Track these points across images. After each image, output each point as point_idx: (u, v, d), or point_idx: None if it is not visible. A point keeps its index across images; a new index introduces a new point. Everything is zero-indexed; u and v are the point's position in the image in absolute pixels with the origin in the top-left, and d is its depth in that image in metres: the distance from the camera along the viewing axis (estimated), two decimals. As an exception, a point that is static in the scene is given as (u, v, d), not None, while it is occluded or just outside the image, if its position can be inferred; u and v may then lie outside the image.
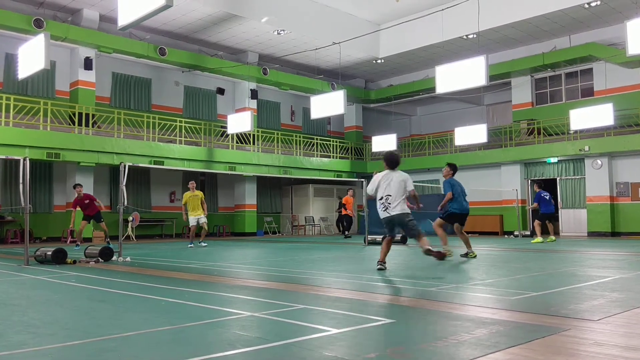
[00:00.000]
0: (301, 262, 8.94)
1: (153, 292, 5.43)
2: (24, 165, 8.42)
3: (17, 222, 16.76)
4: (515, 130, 21.24)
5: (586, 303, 4.52)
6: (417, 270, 7.62)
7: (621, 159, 18.63)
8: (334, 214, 24.89)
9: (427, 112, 27.85)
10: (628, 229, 18.18)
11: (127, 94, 19.89)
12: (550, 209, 14.91)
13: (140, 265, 8.44)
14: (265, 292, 5.47)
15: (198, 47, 21.15)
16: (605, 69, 19.49)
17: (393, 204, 6.98)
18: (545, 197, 14.84)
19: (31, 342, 3.23)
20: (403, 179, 7.10)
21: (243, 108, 21.77)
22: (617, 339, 3.26)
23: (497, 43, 20.98)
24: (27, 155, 11.26)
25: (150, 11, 8.09)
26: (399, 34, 21.24)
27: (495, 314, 4.03)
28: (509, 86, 22.58)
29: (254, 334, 3.45)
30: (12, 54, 15.90)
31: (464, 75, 12.91)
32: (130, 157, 16.62)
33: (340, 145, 24.72)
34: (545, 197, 14.85)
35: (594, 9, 17.56)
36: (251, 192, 22.13)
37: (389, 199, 7.00)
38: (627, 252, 10.54)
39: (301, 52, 21.62)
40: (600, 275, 6.65)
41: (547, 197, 14.92)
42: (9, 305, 4.68)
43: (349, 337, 3.34)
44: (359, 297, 4.96)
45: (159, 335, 3.44)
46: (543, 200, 14.79)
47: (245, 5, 18.34)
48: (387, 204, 7.01)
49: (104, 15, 18.00)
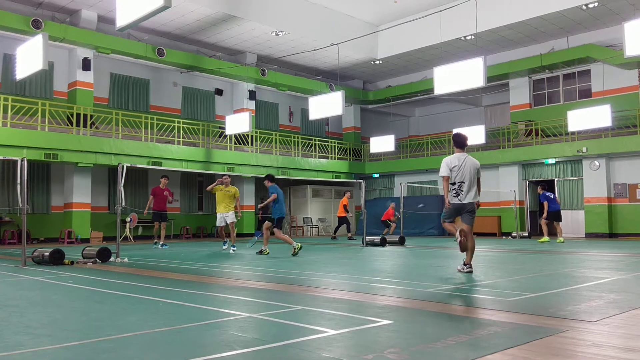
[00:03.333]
0: (299, 263, 8.94)
1: (150, 293, 5.42)
2: (22, 166, 8.41)
3: (15, 223, 16.72)
4: (513, 132, 21.27)
5: (584, 304, 4.53)
6: (415, 271, 7.62)
7: (619, 160, 18.66)
8: (332, 215, 24.91)
9: (425, 113, 27.87)
10: (625, 230, 18.21)
11: (125, 95, 19.87)
12: (556, 207, 15.12)
13: (137, 266, 8.43)
14: (263, 293, 5.47)
15: (196, 48, 21.15)
16: (603, 70, 19.53)
17: (466, 192, 6.74)
18: (550, 197, 15.06)
19: (29, 343, 3.22)
20: (477, 167, 6.89)
21: (241, 109, 21.77)
22: (614, 340, 3.26)
23: (495, 44, 21.01)
24: (25, 156, 11.23)
25: (149, 12, 8.08)
26: (397, 35, 21.27)
27: (493, 315, 4.04)
28: (507, 87, 22.62)
29: (251, 335, 3.45)
30: (10, 54, 15.87)
31: (462, 76, 12.93)
32: (128, 158, 16.61)
33: (338, 146, 24.73)
34: (550, 196, 15.08)
35: (591, 10, 17.59)
36: (249, 193, 22.11)
37: (462, 186, 6.76)
38: (624, 253, 10.56)
39: (299, 53, 21.63)
40: (598, 276, 6.66)
41: (552, 196, 15.18)
42: (7, 306, 4.67)
43: (347, 338, 3.34)
44: (357, 298, 4.96)
45: (156, 336, 3.44)
46: (550, 200, 14.99)
47: (244, 7, 18.34)
48: (460, 190, 6.76)
49: (102, 16, 18.00)
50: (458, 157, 6.93)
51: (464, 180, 6.77)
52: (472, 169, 6.83)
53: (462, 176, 6.79)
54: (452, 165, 6.86)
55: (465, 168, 6.81)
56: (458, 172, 6.82)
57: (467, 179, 6.78)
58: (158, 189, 14.01)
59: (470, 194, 6.79)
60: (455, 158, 6.93)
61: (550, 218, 15.01)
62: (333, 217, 24.91)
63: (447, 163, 6.91)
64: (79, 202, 17.28)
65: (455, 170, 6.83)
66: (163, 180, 14.18)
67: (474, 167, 6.87)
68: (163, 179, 14.22)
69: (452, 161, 6.90)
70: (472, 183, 6.81)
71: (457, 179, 6.80)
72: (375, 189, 25.65)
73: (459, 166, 6.83)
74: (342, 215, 18.92)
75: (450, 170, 6.84)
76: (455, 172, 6.82)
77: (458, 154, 7.00)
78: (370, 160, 25.38)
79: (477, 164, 6.96)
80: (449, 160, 6.94)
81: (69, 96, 18.06)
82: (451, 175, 6.83)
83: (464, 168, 6.81)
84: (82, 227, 17.15)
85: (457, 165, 6.84)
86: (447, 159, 6.98)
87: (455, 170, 6.83)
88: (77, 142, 16.32)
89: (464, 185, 6.77)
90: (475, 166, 6.91)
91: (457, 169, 6.83)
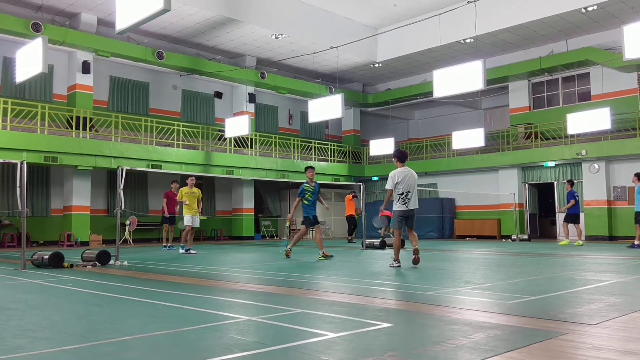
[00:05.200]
0: (299, 266, 8.93)
1: (150, 296, 5.42)
2: (22, 169, 8.41)
3: (14, 226, 16.71)
4: (512, 134, 21.28)
5: (584, 307, 4.52)
6: (414, 274, 7.62)
7: (618, 163, 18.67)
8: (332, 218, 24.89)
9: (424, 116, 27.89)
10: (625, 233, 18.20)
11: (124, 98, 19.88)
12: (577, 210, 15.08)
13: (137, 269, 8.42)
14: (262, 296, 5.46)
15: (196, 51, 21.18)
16: (602, 73, 19.56)
17: (412, 199, 7.72)
18: (577, 197, 14.99)
19: (28, 347, 3.22)
20: (416, 177, 8.01)
21: (241, 112, 21.79)
22: (614, 343, 3.26)
23: (495, 47, 21.04)
24: (24, 159, 11.20)
25: (148, 15, 8.09)
26: (397, 38, 21.30)
27: (493, 318, 4.03)
28: (507, 90, 22.64)
29: (251, 338, 3.44)
30: (10, 57, 15.88)
31: (462, 79, 12.94)
32: (127, 161, 16.62)
33: (338, 149, 24.74)
34: (576, 196, 15.01)
35: (590, 13, 17.63)
36: (249, 196, 22.12)
37: (408, 194, 7.71)
38: (624, 256, 10.55)
39: (299, 56, 21.66)
40: (598, 279, 6.66)
41: (577, 197, 15.11)
42: (6, 309, 4.66)
43: (347, 341, 3.33)
44: (357, 301, 4.95)
45: (156, 339, 3.43)
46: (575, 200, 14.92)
47: (243, 10, 18.37)
48: (407, 199, 7.70)
49: (102, 19, 18.02)
50: (401, 171, 8.04)
51: (410, 190, 7.84)
52: (414, 179, 8.02)
53: (408, 187, 7.86)
54: (395, 178, 7.95)
55: (409, 179, 7.93)
56: (404, 183, 7.88)
57: (412, 187, 7.89)
58: (171, 193, 14.57)
59: (414, 201, 7.93)
60: (398, 172, 8.04)
61: (568, 220, 14.90)
62: (333, 220, 24.92)
63: (392, 177, 8.02)
64: (78, 205, 17.28)
65: (401, 181, 7.89)
66: (174, 185, 14.77)
67: (416, 177, 8.12)
68: (174, 184, 14.79)
69: (396, 175, 8.00)
70: (415, 191, 7.98)
71: (404, 189, 7.87)
72: (374, 192, 25.65)
73: (404, 178, 7.91)
74: (350, 214, 18.67)
75: (397, 183, 7.92)
76: (402, 184, 7.88)
77: (401, 168, 8.10)
78: (369, 163, 25.39)
79: (415, 174, 8.17)
80: (393, 174, 8.05)
81: (68, 99, 18.07)
82: (397, 188, 7.90)
83: (408, 180, 7.92)
84: (82, 230, 17.14)
85: (400, 178, 7.93)
86: (392, 173, 8.10)
87: (401, 181, 7.89)
88: (76, 145, 16.33)
89: (409, 194, 7.83)
90: (416, 177, 8.13)
91: (402, 180, 7.90)
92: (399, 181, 7.89)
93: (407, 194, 7.80)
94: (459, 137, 19.73)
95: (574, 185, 15.18)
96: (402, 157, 8.23)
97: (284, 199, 25.18)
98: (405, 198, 7.77)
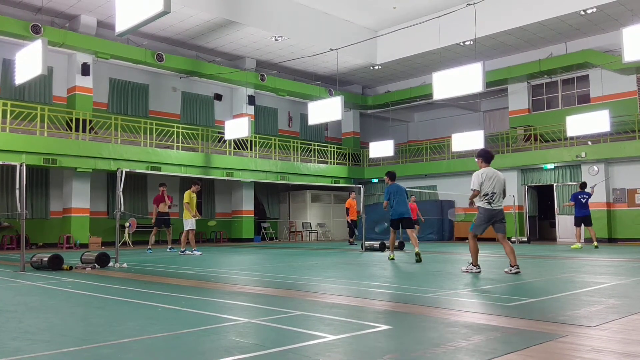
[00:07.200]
0: (298, 268, 8.93)
1: (149, 299, 5.41)
2: (21, 171, 8.40)
3: (14, 228, 16.69)
4: (512, 137, 21.29)
5: (583, 309, 4.52)
6: (414, 276, 7.61)
7: (617, 165, 18.68)
8: (331, 220, 24.90)
9: (424, 118, 27.90)
10: (625, 235, 18.21)
11: (124, 100, 19.89)
12: (582, 213, 14.56)
13: (136, 272, 8.41)
14: (262, 299, 5.46)
15: (195, 53, 21.19)
16: (602, 75, 19.59)
17: (497, 201, 7.51)
18: (582, 200, 14.52)
19: (27, 349, 3.21)
20: (504, 181, 7.70)
21: (240, 114, 21.79)
22: (614, 345, 3.26)
23: (494, 50, 21.07)
24: (23, 161, 11.21)
25: (148, 17, 8.09)
26: (396, 40, 21.32)
27: (492, 321, 4.03)
28: (506, 93, 22.65)
29: (251, 341, 3.44)
30: (10, 59, 15.90)
31: (461, 81, 12.96)
32: (127, 163, 16.62)
33: (337, 151, 24.75)
34: (582, 199, 14.53)
35: (590, 16, 17.66)
36: (248, 198, 22.11)
37: (494, 196, 7.50)
38: (624, 259, 10.56)
39: (299, 58, 21.68)
40: (598, 281, 6.66)
41: (584, 199, 14.56)
42: (5, 311, 4.65)
43: (346, 343, 3.33)
44: (356, 304, 4.95)
45: (155, 341, 3.43)
46: (578, 202, 14.52)
47: (243, 12, 18.39)
48: (492, 200, 7.50)
49: (102, 21, 18.03)
50: (486, 171, 7.65)
51: (495, 192, 7.53)
52: (502, 182, 7.67)
53: (494, 188, 7.54)
54: (481, 178, 7.59)
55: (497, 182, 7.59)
56: (490, 184, 7.54)
57: (498, 190, 7.57)
58: (159, 196, 14.82)
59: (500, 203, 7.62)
60: (483, 172, 7.65)
61: (578, 223, 14.64)
62: (332, 222, 24.93)
63: (477, 176, 7.66)
64: (77, 207, 17.27)
65: (486, 182, 7.55)
66: (162, 188, 14.99)
67: (504, 181, 7.74)
68: (162, 187, 15.00)
69: (481, 175, 7.63)
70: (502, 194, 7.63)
71: (490, 190, 7.54)
72: (374, 194, 25.64)
73: (491, 179, 7.55)
74: (352, 218, 18.56)
75: (482, 183, 7.56)
76: (487, 184, 7.55)
77: (486, 168, 7.71)
78: (369, 165, 25.39)
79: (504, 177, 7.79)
80: (478, 174, 7.67)
81: (68, 101, 18.07)
82: (482, 188, 7.57)
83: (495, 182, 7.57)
84: (81, 232, 17.13)
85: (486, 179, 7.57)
86: (476, 173, 7.73)
87: (486, 182, 7.55)
88: (76, 147, 16.32)
89: (495, 195, 7.53)
90: (504, 180, 7.74)
91: (488, 181, 7.55)
92: (483, 180, 7.53)
93: (493, 195, 7.48)
94: (458, 139, 19.74)
95: (584, 187, 14.99)
96: (488, 157, 7.77)
97: (283, 201, 25.18)
98: (490, 199, 7.49)
